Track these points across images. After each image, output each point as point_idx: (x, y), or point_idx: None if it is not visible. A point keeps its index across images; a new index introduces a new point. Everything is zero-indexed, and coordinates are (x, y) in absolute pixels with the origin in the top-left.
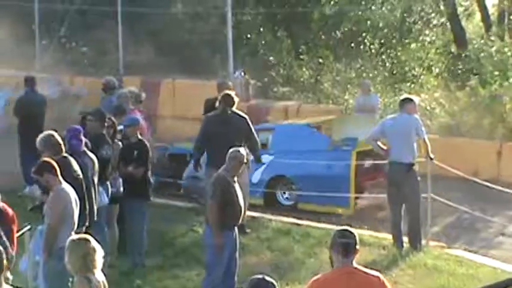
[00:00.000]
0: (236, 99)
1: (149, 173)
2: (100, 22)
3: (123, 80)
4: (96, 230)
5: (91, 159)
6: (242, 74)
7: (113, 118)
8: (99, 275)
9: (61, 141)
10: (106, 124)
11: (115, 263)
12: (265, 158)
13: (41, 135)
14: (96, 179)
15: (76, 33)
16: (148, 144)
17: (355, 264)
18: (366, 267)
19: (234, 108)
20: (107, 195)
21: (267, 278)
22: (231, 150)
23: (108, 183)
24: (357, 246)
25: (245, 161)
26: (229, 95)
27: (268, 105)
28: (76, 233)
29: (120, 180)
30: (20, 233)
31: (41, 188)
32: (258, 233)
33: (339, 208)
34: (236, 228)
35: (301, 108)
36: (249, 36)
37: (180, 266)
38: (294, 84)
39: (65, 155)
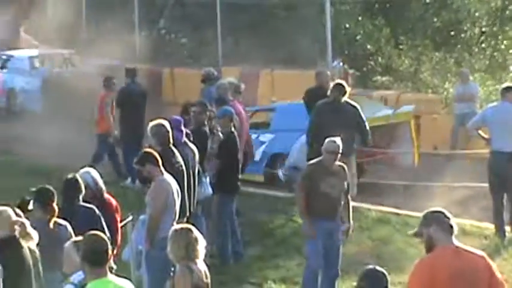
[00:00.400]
0: (348, 89)
1: (239, 164)
2: (199, 13)
3: (222, 70)
4: (196, 220)
5: (192, 150)
6: (341, 63)
7: (213, 109)
8: (201, 265)
9: (170, 132)
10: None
11: (215, 253)
12: (266, 137)
13: (152, 124)
14: (196, 170)
15: (175, 25)
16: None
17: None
18: None
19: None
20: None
21: (378, 268)
22: (326, 140)
23: (206, 174)
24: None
25: (339, 151)
26: (341, 84)
27: (367, 95)
28: (177, 223)
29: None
30: (123, 223)
31: (141, 179)
32: (359, 223)
33: None
34: (336, 218)
35: (401, 98)
36: (347, 25)
37: (281, 256)
38: (393, 74)
39: (169, 145)
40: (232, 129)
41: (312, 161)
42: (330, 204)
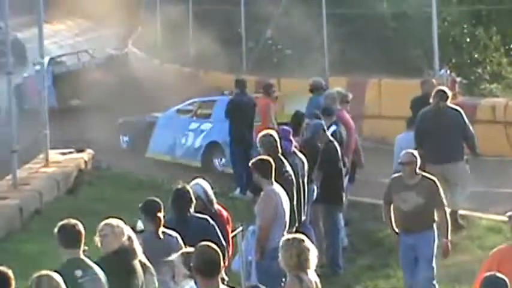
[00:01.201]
0: (449, 94)
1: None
2: (305, 23)
3: (329, 80)
4: (306, 229)
5: (301, 159)
6: (448, 71)
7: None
8: (312, 275)
9: (278, 141)
10: None
11: (325, 263)
12: (206, 126)
13: (261, 134)
14: (305, 180)
15: (281, 35)
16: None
17: None
18: None
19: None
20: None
21: (499, 275)
22: (402, 153)
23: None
24: None
25: (414, 162)
26: (442, 89)
27: (475, 103)
28: (287, 233)
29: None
30: (233, 233)
31: (251, 189)
32: (470, 232)
33: None
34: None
35: (509, 105)
36: (454, 33)
37: (391, 266)
38: (502, 81)
39: (278, 155)
40: (331, 138)
41: (395, 174)
42: (403, 219)
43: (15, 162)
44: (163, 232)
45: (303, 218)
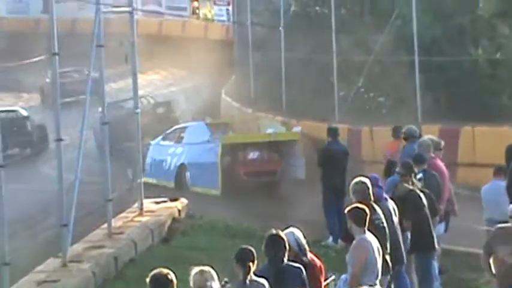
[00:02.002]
0: None
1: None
2: (397, 71)
3: (422, 128)
4: (400, 277)
5: (392, 205)
6: None
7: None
8: None
9: (370, 188)
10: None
11: None
12: (179, 150)
13: (353, 181)
14: (398, 226)
15: (373, 83)
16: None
17: None
18: None
19: None
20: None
21: None
22: (510, 206)
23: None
24: None
25: None
26: None
27: None
28: (380, 281)
29: None
30: (326, 282)
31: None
32: None
33: (212, 190)
34: None
35: None
36: None
37: None
38: None
39: (371, 202)
40: (411, 187)
41: (501, 225)
42: (508, 273)
43: (110, 211)
44: (250, 280)
45: (397, 266)
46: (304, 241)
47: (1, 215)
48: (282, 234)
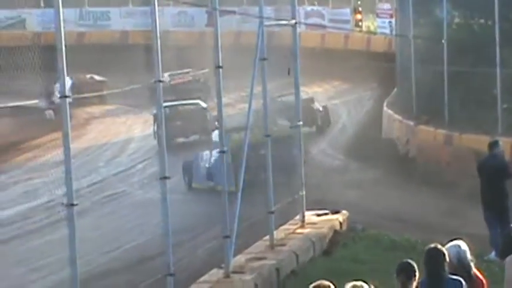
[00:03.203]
0: None
1: None
2: None
3: None
4: None
5: None
6: None
7: None
8: None
9: None
10: None
11: None
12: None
13: None
14: None
15: None
16: None
17: None
18: None
19: None
20: None
21: None
22: None
23: None
24: None
25: None
26: None
27: None
28: None
29: None
30: None
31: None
32: None
33: None
34: None
35: None
36: None
37: None
38: None
39: None
40: None
41: None
42: None
43: (272, 223)
44: None
45: None
46: (468, 255)
47: (166, 225)
48: (441, 247)
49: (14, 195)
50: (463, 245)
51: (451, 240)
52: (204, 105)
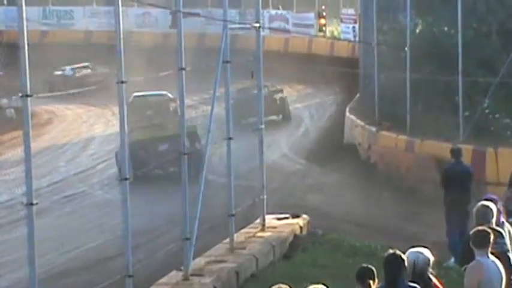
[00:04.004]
0: None
1: None
2: None
3: None
4: None
5: (508, 230)
6: None
7: None
8: None
9: (495, 213)
10: None
11: None
12: None
13: (478, 204)
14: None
15: (499, 105)
16: None
17: None
18: None
19: None
20: None
21: None
22: None
23: None
24: None
25: None
26: None
27: None
28: None
29: None
30: None
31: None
32: None
33: None
34: None
35: None
36: None
37: None
38: None
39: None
40: None
41: None
42: None
43: (232, 226)
44: None
45: None
46: (427, 262)
47: (126, 226)
48: (400, 253)
49: None
50: (426, 252)
51: (413, 247)
52: (170, 96)
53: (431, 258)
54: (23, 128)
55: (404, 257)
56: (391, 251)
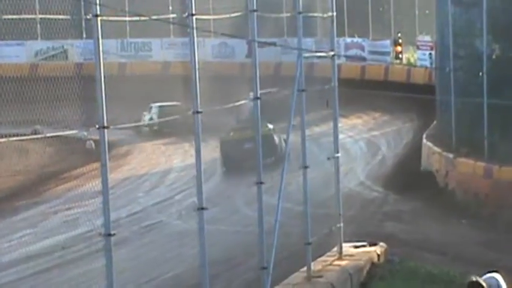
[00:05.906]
0: None
1: None
2: None
3: None
4: None
5: None
6: None
7: None
8: None
9: None
10: None
11: None
12: None
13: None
14: None
15: None
16: None
17: None
18: None
19: None
20: None
21: None
22: None
23: None
24: None
25: None
26: None
27: None
28: None
29: None
30: None
31: None
32: None
33: None
34: None
35: None
36: None
37: None
38: None
39: None
40: None
41: None
42: None
43: (309, 254)
44: None
45: None
46: (505, 286)
47: (203, 256)
48: (481, 281)
49: (53, 225)
50: (499, 277)
51: (488, 272)
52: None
53: (505, 284)
54: (100, 160)
55: (485, 284)
56: (473, 278)
